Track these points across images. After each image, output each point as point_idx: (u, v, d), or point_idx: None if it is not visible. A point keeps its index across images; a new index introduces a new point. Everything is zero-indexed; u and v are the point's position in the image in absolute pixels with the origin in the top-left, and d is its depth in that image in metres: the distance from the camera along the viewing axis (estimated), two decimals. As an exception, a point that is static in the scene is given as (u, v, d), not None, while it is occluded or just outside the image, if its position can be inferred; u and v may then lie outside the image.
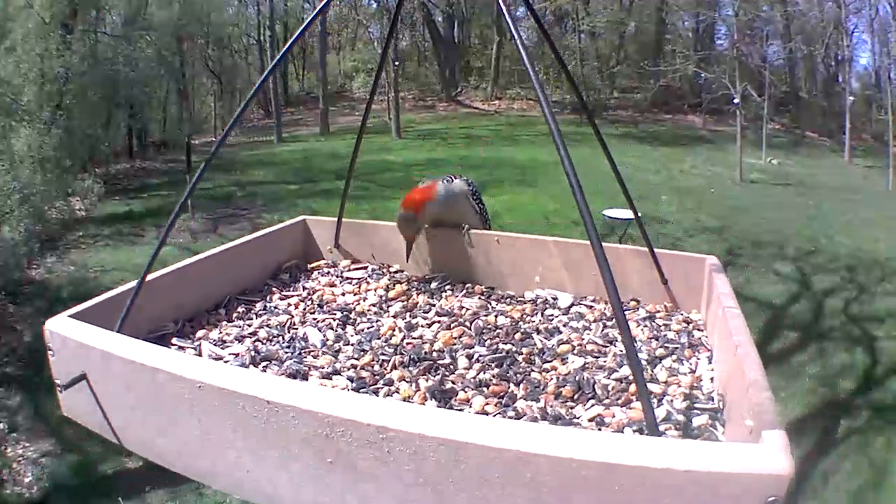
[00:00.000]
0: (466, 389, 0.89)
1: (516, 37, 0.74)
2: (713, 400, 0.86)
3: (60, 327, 0.85)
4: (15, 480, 4.89)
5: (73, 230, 9.97)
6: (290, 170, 13.43)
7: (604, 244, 1.27)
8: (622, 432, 0.78)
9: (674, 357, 1.00)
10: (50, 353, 0.86)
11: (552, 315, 1.16)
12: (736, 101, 14.36)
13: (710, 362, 0.98)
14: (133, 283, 0.94)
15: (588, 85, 19.06)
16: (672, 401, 0.85)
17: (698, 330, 1.10)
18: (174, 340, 1.05)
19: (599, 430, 0.79)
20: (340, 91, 22.79)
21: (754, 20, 16.52)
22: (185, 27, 15.22)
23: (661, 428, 0.77)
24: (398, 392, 0.89)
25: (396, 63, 17.89)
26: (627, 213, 6.62)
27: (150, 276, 1.05)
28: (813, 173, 14.53)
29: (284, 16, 21.93)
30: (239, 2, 21.15)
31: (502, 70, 22.02)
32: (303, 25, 1.07)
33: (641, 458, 0.53)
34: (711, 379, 0.93)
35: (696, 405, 0.84)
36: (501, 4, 0.75)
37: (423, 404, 0.86)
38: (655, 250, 1.17)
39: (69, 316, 0.88)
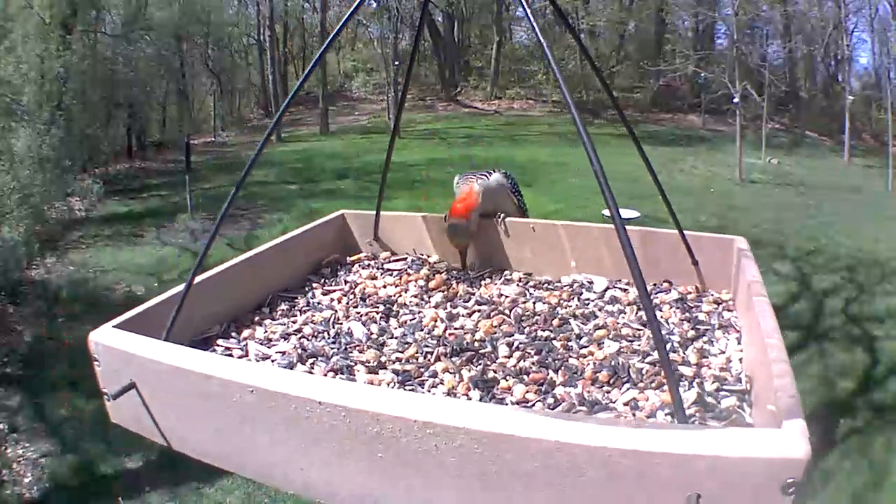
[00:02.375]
0: (507, 378, 0.91)
1: (534, 25, 0.77)
2: (741, 382, 0.88)
3: (105, 338, 0.87)
4: (15, 480, 4.89)
5: (72, 230, 9.98)
6: (290, 169, 13.43)
7: (636, 227, 1.29)
8: (654, 415, 0.81)
9: (705, 339, 1.02)
10: (96, 363, 0.87)
11: (588, 299, 1.18)
12: (736, 100, 14.36)
13: (738, 343, 1.00)
14: (175, 290, 0.96)
15: (588, 85, 19.05)
16: (703, 383, 0.88)
17: (728, 311, 1.11)
18: (219, 342, 1.05)
19: (634, 413, 0.82)
20: (340, 91, 22.79)
21: (754, 20, 16.52)
22: (185, 27, 15.23)
23: (692, 410, 0.81)
24: (443, 384, 0.91)
25: (397, 63, 17.89)
26: (627, 213, 6.63)
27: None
28: (813, 173, 14.53)
29: (284, 16, 21.92)
30: (239, 2, 21.16)
31: (502, 70, 22.02)
32: (343, 19, 1.08)
33: (670, 446, 0.57)
34: (740, 360, 0.95)
35: (724, 387, 0.87)
36: (525, 8, 0.78)
37: (467, 395, 0.88)
38: (685, 232, 1.19)
39: (114, 326, 0.89)
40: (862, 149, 17.38)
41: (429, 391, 0.90)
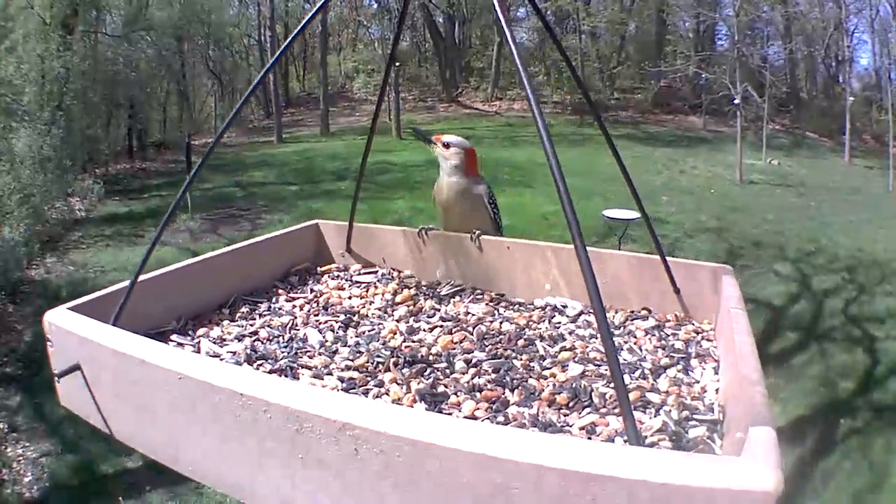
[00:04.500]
0: (459, 393, 0.87)
1: (507, 35, 0.72)
2: (713, 411, 0.84)
3: (58, 319, 0.87)
4: (15, 480, 4.89)
5: (72, 230, 9.99)
6: (290, 170, 13.44)
7: (618, 251, 1.27)
8: (612, 441, 0.76)
9: (679, 367, 0.98)
10: (49, 343, 0.88)
11: (559, 322, 1.14)
12: (736, 101, 14.37)
13: (715, 373, 0.96)
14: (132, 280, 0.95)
15: (589, 86, 19.06)
16: (670, 411, 0.83)
17: (707, 340, 1.08)
18: (173, 337, 1.05)
19: (589, 438, 0.78)
20: (341, 92, 22.80)
21: (755, 21, 16.54)
22: (185, 27, 15.24)
23: (655, 438, 0.76)
24: (388, 394, 0.88)
25: (397, 64, 17.90)
26: (627, 214, 6.62)
27: (153, 274, 1.05)
28: (813, 174, 14.54)
29: (285, 16, 21.94)
30: (239, 2, 21.19)
31: (503, 71, 22.02)
32: (299, 27, 1.07)
33: (615, 467, 0.50)
34: (716, 390, 0.91)
35: (695, 416, 0.82)
36: (497, 6, 0.73)
37: (412, 407, 0.85)
38: (668, 259, 1.15)
39: (68, 308, 0.90)
40: (862, 150, 17.39)
41: (372, 400, 0.88)
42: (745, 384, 0.72)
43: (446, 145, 1.39)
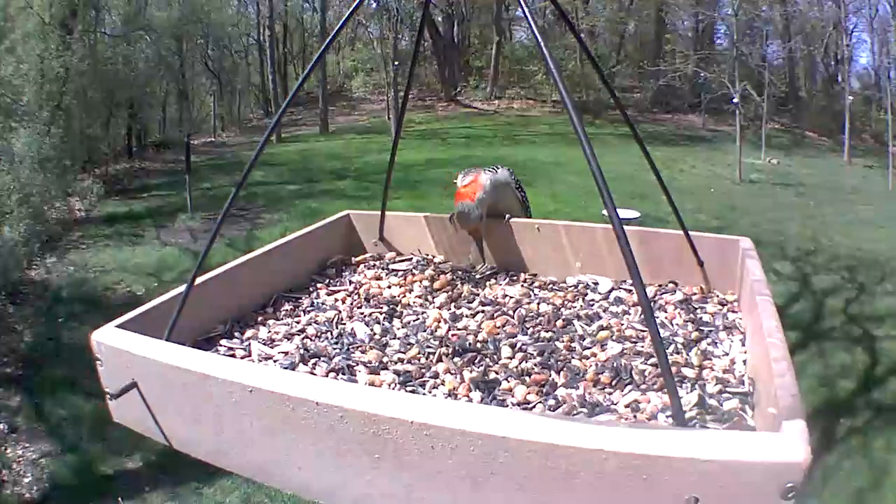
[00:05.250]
0: (509, 379, 0.91)
1: (531, 24, 0.76)
2: (744, 384, 0.88)
3: (108, 338, 0.87)
4: (15, 480, 4.89)
5: (72, 230, 9.97)
6: (289, 170, 13.43)
7: (641, 228, 1.29)
8: (655, 418, 0.81)
9: (709, 340, 1.01)
10: (98, 363, 0.88)
11: (592, 300, 1.18)
12: (735, 100, 14.37)
13: (742, 345, 0.99)
14: (178, 290, 0.96)
15: (588, 85, 19.06)
16: (705, 385, 0.87)
17: (733, 312, 1.11)
18: (223, 342, 1.05)
19: (635, 416, 0.82)
20: (340, 91, 22.79)
21: (754, 20, 16.54)
22: (184, 27, 15.23)
23: (693, 413, 0.81)
24: (443, 384, 0.91)
25: (396, 63, 17.88)
26: (628, 213, 6.63)
27: (198, 281, 1.06)
28: (812, 173, 14.54)
29: (284, 16, 21.93)
30: (238, 2, 21.17)
31: (502, 70, 22.02)
32: (343, 19, 1.08)
33: (666, 449, 0.56)
34: (744, 362, 0.94)
35: (727, 389, 0.86)
36: (523, 7, 0.78)
37: (468, 396, 0.88)
38: (690, 233, 1.19)
39: (116, 326, 0.90)
40: (862, 149, 17.38)
41: (430, 392, 0.90)
42: (773, 360, 0.75)
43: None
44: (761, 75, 15.69)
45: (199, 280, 1.01)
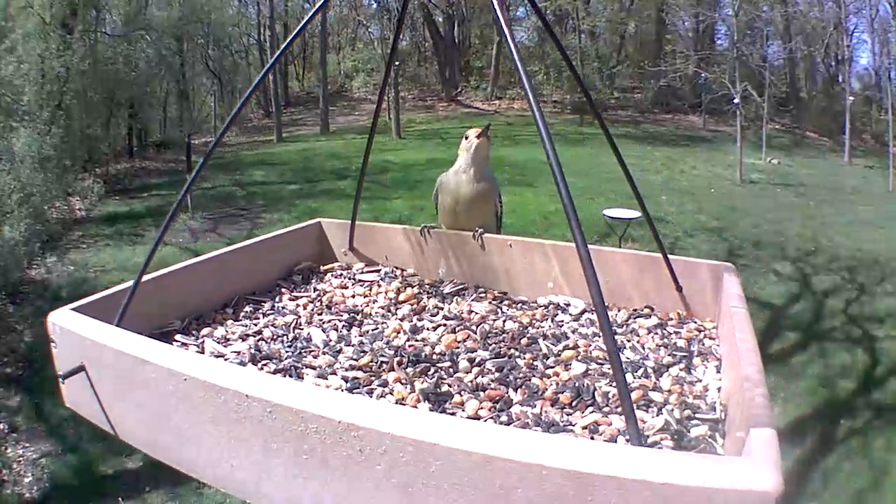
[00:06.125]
0: (462, 393, 0.88)
1: (507, 34, 0.72)
2: (715, 410, 0.84)
3: (62, 320, 0.87)
4: (15, 480, 4.89)
5: (73, 230, 9.97)
6: (289, 170, 13.43)
7: (619, 249, 1.27)
8: (615, 440, 0.77)
9: (681, 365, 0.97)
10: (52, 344, 0.88)
11: (562, 321, 1.14)
12: (736, 101, 14.36)
13: (718, 371, 0.96)
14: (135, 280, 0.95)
15: (588, 85, 19.04)
16: (672, 410, 0.83)
17: (710, 338, 1.07)
18: (177, 337, 1.05)
19: (592, 437, 0.77)
20: (340, 91, 22.79)
21: (754, 20, 16.53)
22: (185, 27, 15.22)
23: (657, 437, 0.76)
24: (392, 393, 0.88)
25: (396, 63, 17.88)
26: (628, 213, 6.62)
27: (156, 274, 1.05)
28: (813, 173, 14.53)
29: (284, 16, 21.92)
30: (239, 2, 21.17)
31: (502, 70, 22.00)
32: (299, 26, 1.07)
33: (615, 468, 0.50)
34: (718, 389, 0.90)
35: (696, 415, 0.82)
36: (496, 6, 0.73)
37: (416, 406, 0.85)
38: (670, 257, 1.15)
39: (71, 309, 0.90)
40: (862, 149, 17.38)
41: (377, 400, 0.87)
42: (746, 384, 0.72)
43: (465, 136, 1.44)
44: (762, 76, 15.68)
45: (158, 273, 1.03)
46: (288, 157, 14.62)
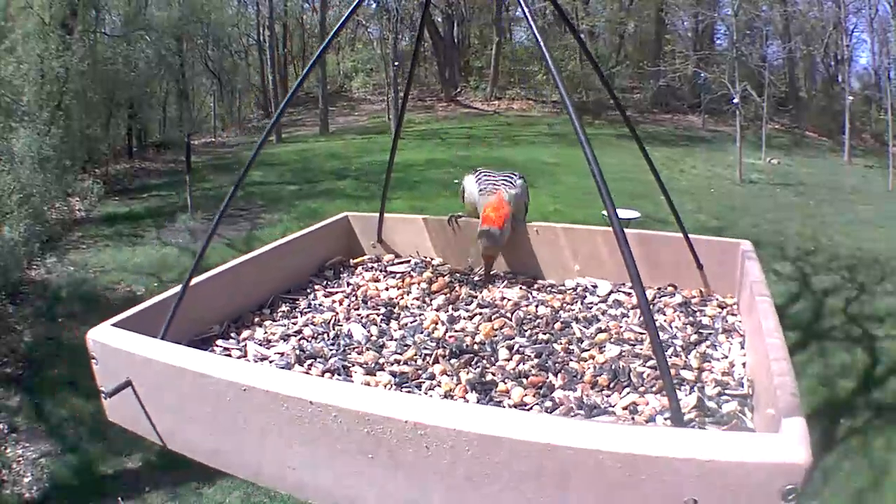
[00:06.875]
0: (506, 381, 0.91)
1: (531, 24, 0.76)
2: (743, 386, 0.87)
3: (103, 336, 0.87)
4: (15, 480, 4.88)
5: (72, 230, 9.97)
6: (289, 170, 13.43)
7: (642, 231, 1.30)
8: (654, 420, 0.81)
9: (708, 343, 1.01)
10: (94, 361, 0.88)
11: (591, 303, 1.18)
12: (735, 100, 14.36)
13: (742, 347, 0.99)
14: (175, 290, 0.96)
15: (588, 85, 19.05)
16: (703, 387, 0.87)
17: (732, 315, 1.11)
18: (219, 342, 1.05)
19: (632, 418, 0.81)
20: (340, 91, 22.79)
21: (754, 20, 16.52)
22: (184, 27, 15.22)
23: (692, 415, 0.80)
24: (440, 386, 0.91)
25: (396, 64, 17.88)
26: (629, 213, 6.63)
27: (195, 281, 1.05)
28: (812, 173, 14.53)
29: (284, 16, 21.92)
30: (239, 2, 21.16)
31: (502, 70, 22.00)
32: (343, 17, 1.06)
33: (664, 448, 0.56)
34: (743, 364, 0.94)
35: (726, 391, 0.86)
36: (523, 7, 0.77)
37: (465, 397, 0.88)
38: (689, 236, 1.19)
39: (112, 325, 0.90)
40: (862, 149, 17.39)
41: (426, 393, 0.90)
42: (772, 360, 0.75)
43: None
44: (761, 75, 15.68)
45: (195, 280, 1.01)
46: (287, 157, 14.61)
